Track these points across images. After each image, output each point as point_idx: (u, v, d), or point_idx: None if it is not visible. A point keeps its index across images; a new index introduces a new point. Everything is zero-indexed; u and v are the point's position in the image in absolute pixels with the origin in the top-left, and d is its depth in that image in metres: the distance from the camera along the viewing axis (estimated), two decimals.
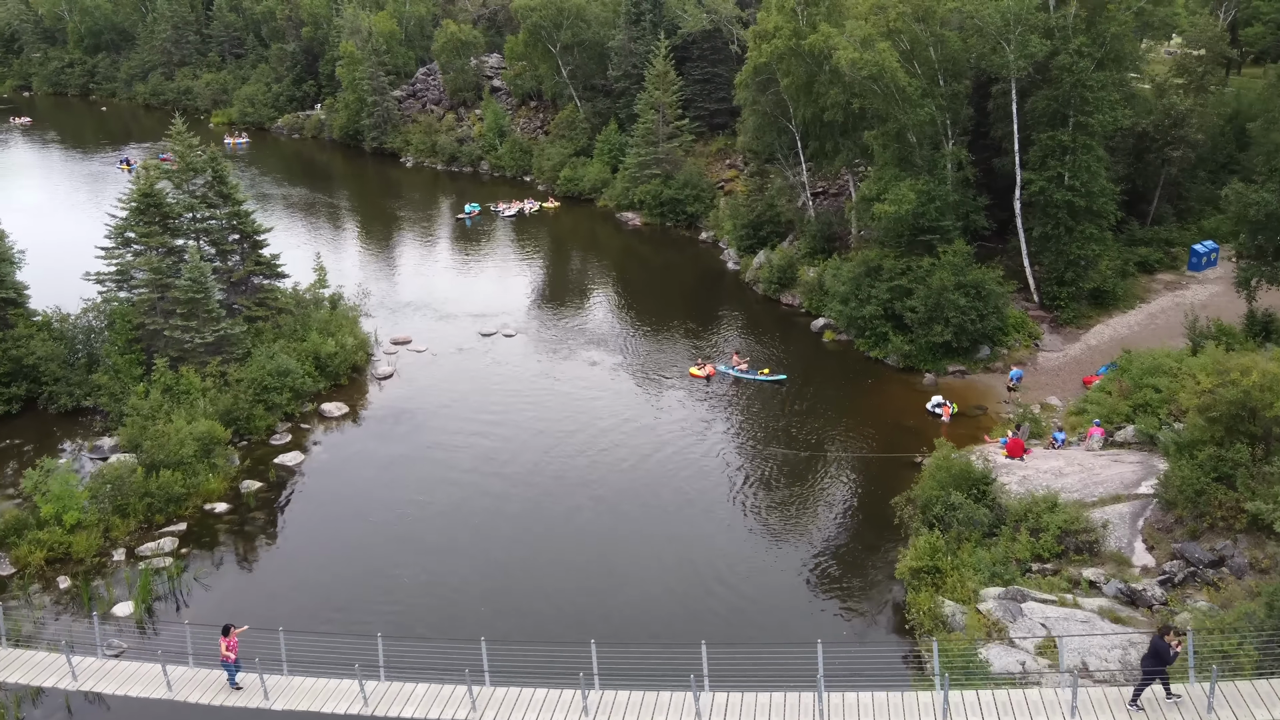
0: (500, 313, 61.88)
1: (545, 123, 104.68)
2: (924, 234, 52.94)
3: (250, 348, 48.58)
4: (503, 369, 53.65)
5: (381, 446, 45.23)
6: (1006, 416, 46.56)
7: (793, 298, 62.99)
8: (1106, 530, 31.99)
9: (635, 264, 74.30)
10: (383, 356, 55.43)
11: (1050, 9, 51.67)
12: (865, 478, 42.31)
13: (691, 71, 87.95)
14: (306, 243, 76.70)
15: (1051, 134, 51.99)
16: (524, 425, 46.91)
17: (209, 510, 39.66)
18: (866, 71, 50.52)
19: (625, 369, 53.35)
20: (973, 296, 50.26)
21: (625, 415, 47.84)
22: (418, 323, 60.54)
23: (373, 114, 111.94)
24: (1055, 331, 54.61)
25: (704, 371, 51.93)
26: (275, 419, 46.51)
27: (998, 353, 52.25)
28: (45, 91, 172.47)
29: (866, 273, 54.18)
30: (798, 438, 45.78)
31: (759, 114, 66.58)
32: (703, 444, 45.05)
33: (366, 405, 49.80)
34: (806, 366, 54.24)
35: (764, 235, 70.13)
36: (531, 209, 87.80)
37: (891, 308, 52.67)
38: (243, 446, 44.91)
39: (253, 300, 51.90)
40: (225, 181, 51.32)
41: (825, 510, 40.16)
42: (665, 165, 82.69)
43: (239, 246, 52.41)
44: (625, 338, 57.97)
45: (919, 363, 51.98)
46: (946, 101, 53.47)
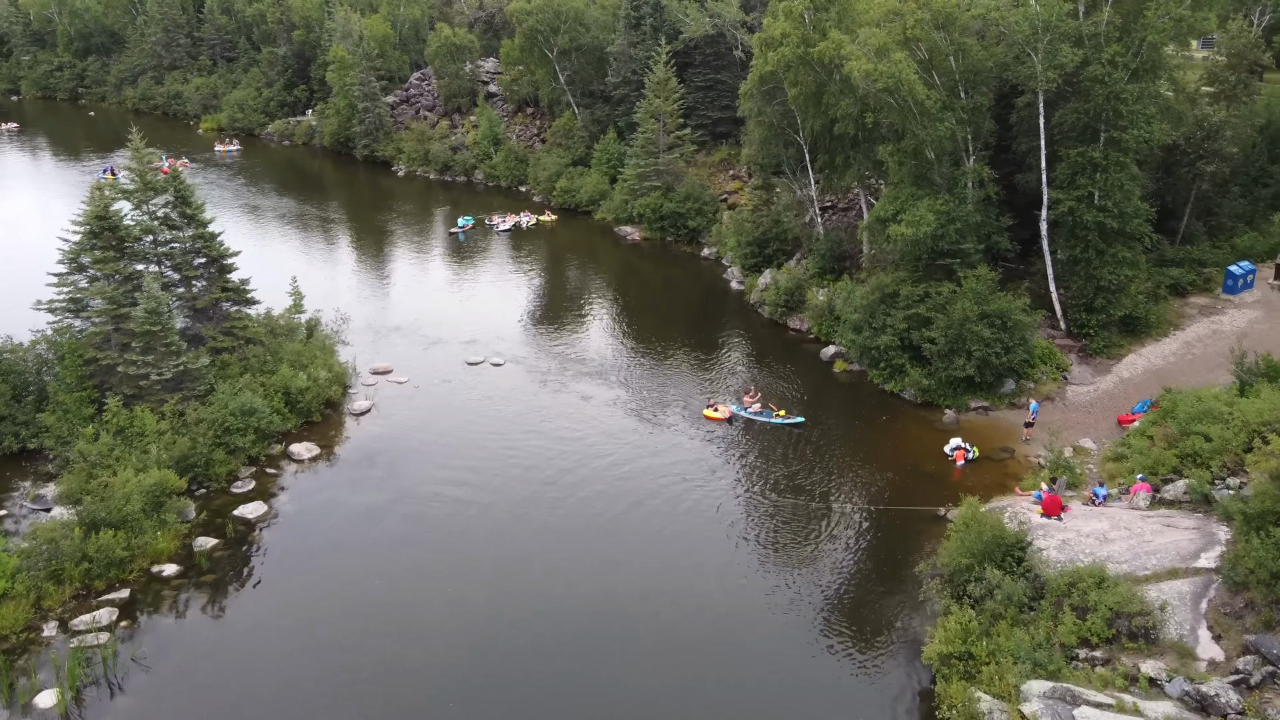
0: (489, 338, 58.01)
1: (542, 130, 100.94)
2: (943, 257, 49.10)
3: (213, 383, 44.73)
4: (488, 403, 49.75)
5: (352, 495, 41.33)
6: (1035, 460, 42.63)
7: (801, 322, 59.07)
8: (1165, 613, 28.04)
9: (633, 283, 70.37)
10: (361, 389, 51.55)
11: (1080, 15, 47.72)
12: (883, 535, 38.35)
13: (693, 78, 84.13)
14: (288, 260, 72.73)
15: (1081, 150, 48.05)
16: (505, 471, 43.02)
17: (156, 573, 35.75)
18: (882, 84, 46.61)
19: (619, 405, 49.39)
20: (997, 328, 46.34)
21: (617, 459, 43.93)
22: (401, 349, 56.64)
23: (364, 121, 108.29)
24: (1084, 362, 50.66)
25: (721, 414, 47.68)
26: (238, 463, 42.65)
27: (1023, 387, 48.31)
28: (34, 95, 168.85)
29: (881, 299, 50.24)
30: (807, 485, 41.88)
31: (765, 125, 62.75)
32: (703, 495, 41.11)
33: (340, 445, 45.90)
34: (816, 400, 50.32)
35: (770, 253, 66.25)
36: (528, 223, 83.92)
37: (908, 338, 48.77)
38: (200, 495, 41.01)
39: (219, 329, 48.05)
40: (188, 202, 47.45)
41: (839, 575, 36.20)
42: (666, 177, 78.84)
43: (204, 271, 48.53)
44: (620, 368, 54.02)
45: (938, 398, 48.07)
46: (967, 115, 49.56)
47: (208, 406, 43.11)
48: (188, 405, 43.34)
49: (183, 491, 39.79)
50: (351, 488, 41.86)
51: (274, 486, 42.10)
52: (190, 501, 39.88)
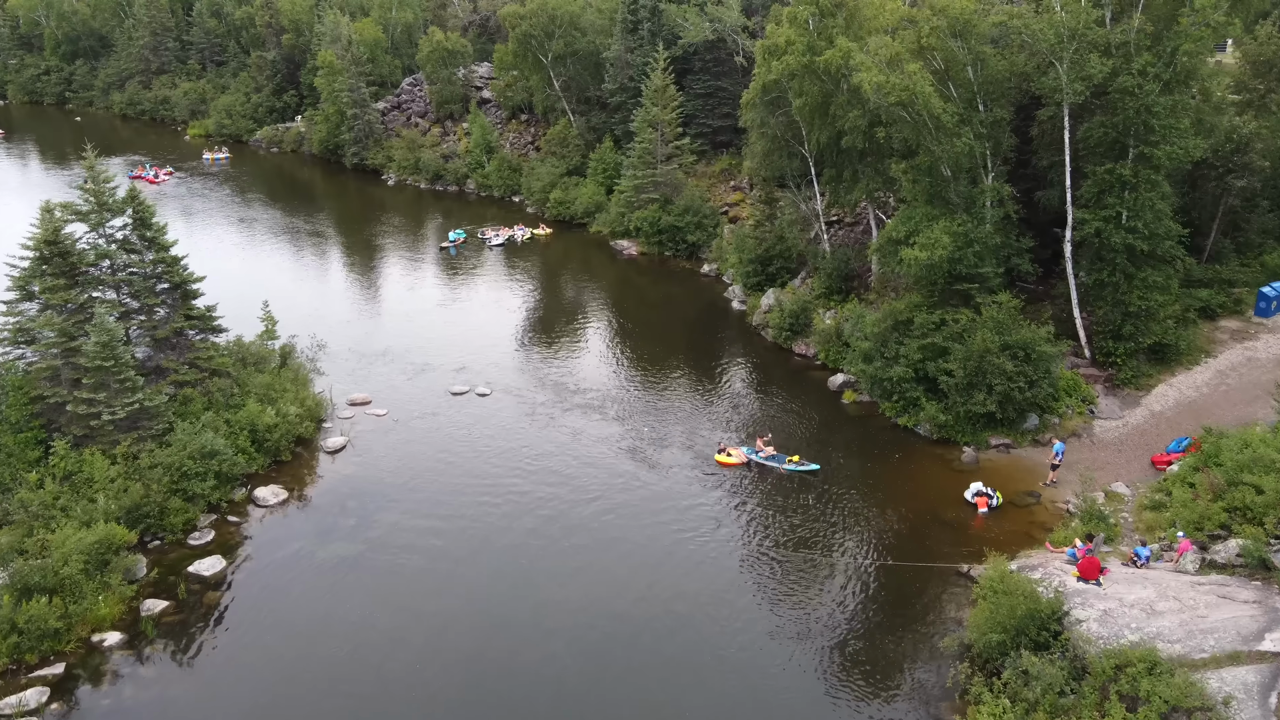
0: (478, 364, 54.62)
1: (536, 138, 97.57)
2: (961, 282, 45.70)
3: (172, 422, 41.30)
4: (471, 439, 46.32)
5: (320, 547, 37.90)
6: (1064, 507, 39.21)
7: (806, 347, 55.64)
8: (1229, 708, 24.64)
9: (629, 302, 66.89)
10: (336, 422, 48.14)
11: (1107, 23, 44.32)
12: (901, 594, 34.85)
13: (693, 85, 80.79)
14: (268, 279, 69.53)
15: (1109, 167, 44.65)
16: (486, 519, 39.62)
17: (97, 643, 32.31)
18: (895, 97, 43.23)
19: (612, 442, 45.89)
20: (1020, 360, 42.93)
21: (607, 505, 40.47)
22: (382, 377, 53.22)
23: (353, 128, 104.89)
24: (1111, 394, 47.22)
25: (735, 459, 43.93)
26: (197, 511, 39.22)
27: (1047, 422, 44.89)
28: (21, 100, 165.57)
29: (893, 327, 46.84)
30: (816, 536, 38.45)
31: (768, 137, 59.39)
32: (702, 546, 37.68)
33: (310, 488, 42.48)
34: (824, 435, 46.93)
35: (773, 271, 62.84)
36: (522, 237, 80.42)
37: (923, 369, 45.35)
38: (153, 549, 37.60)
39: (182, 361, 44.64)
40: (148, 224, 44.04)
41: (851, 647, 32.67)
42: (664, 188, 75.41)
43: (166, 298, 45.11)
44: (614, 399, 50.52)
45: (956, 434, 44.66)
46: (986, 129, 46.13)
47: (165, 449, 39.66)
48: (143, 446, 39.92)
49: (133, 545, 36.37)
50: (320, 538, 38.41)
51: (235, 537, 38.66)
52: (140, 557, 36.43)
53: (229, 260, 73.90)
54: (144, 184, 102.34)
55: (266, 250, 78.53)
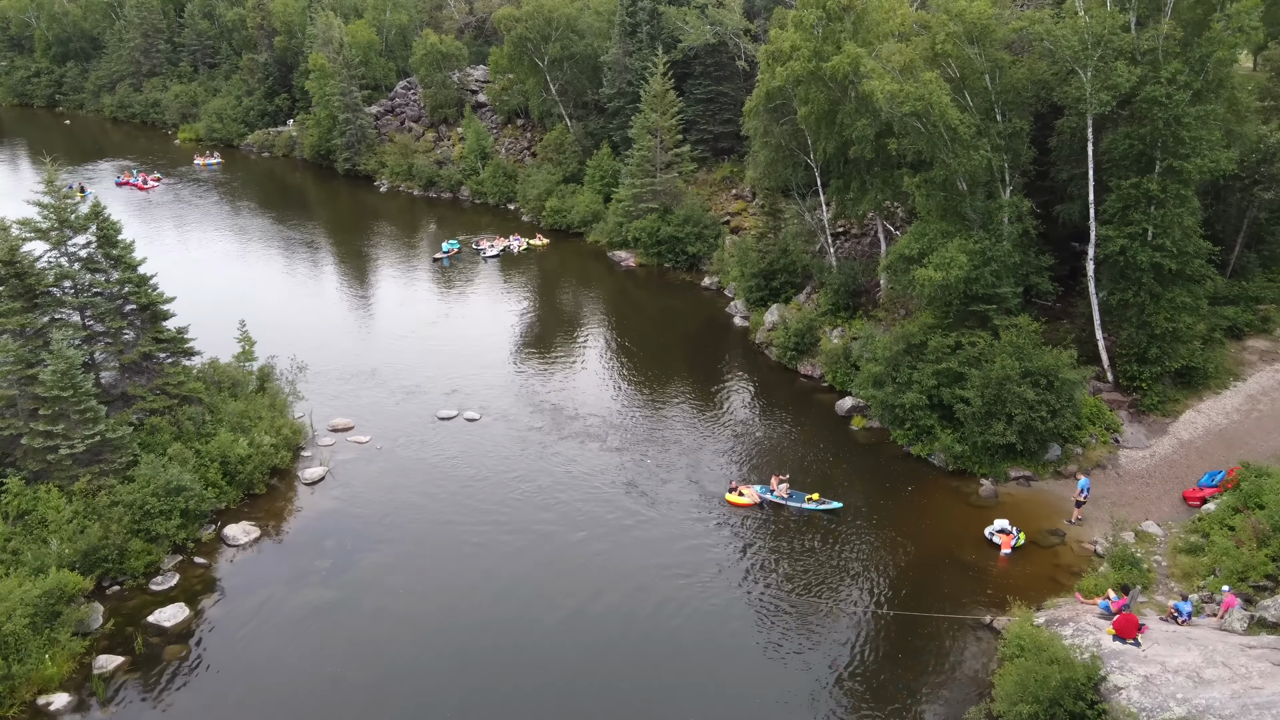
0: (469, 384, 52.00)
1: (532, 144, 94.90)
2: (977, 303, 43.08)
3: (137, 454, 38.66)
4: (458, 470, 43.68)
5: (293, 592, 35.24)
6: (1091, 548, 36.55)
7: (813, 368, 52.98)
8: None
9: (627, 318, 64.19)
10: (316, 450, 45.49)
11: (1132, 29, 41.67)
12: (919, 648, 32.20)
13: (693, 90, 78.09)
14: (251, 293, 66.99)
15: (1135, 181, 41.99)
16: (472, 562, 37.00)
17: (43, 707, 29.68)
18: (909, 107, 40.60)
19: (607, 474, 43.18)
20: (1043, 388, 40.29)
21: (605, 547, 37.84)
22: (367, 400, 50.57)
23: (345, 133, 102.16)
24: (1136, 420, 44.59)
25: (747, 499, 40.81)
26: (160, 552, 36.59)
27: (1070, 452, 42.25)
28: (10, 103, 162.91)
29: (906, 350, 44.21)
30: (824, 580, 35.81)
31: (771, 146, 56.72)
32: (705, 596, 35.01)
33: (285, 524, 39.85)
34: (832, 464, 44.31)
35: (776, 286, 60.18)
36: (518, 247, 77.66)
37: (938, 396, 42.70)
38: (112, 595, 34.97)
39: (150, 387, 42.00)
40: (113, 241, 41.41)
41: (867, 712, 30.02)
42: (663, 197, 72.73)
43: (133, 321, 42.47)
44: (610, 424, 47.83)
45: (973, 466, 42.03)
46: (1004, 141, 43.50)
47: (127, 484, 37.02)
48: (105, 481, 37.28)
49: (89, 592, 33.73)
50: (293, 583, 35.73)
51: (201, 581, 35.98)
52: (96, 605, 33.80)
53: (213, 272, 71.38)
54: (133, 190, 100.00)
55: (253, 262, 75.80)
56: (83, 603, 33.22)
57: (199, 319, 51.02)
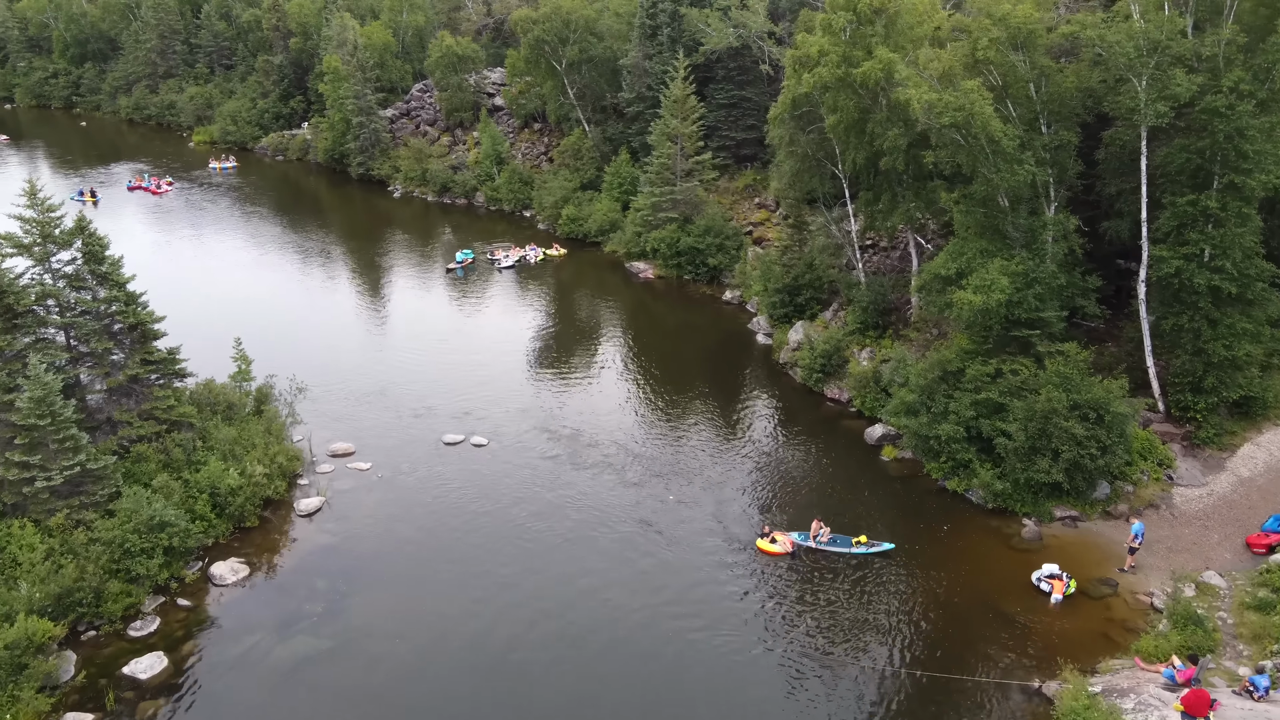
0: (478, 405, 49.43)
1: (549, 148, 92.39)
2: (1019, 327, 40.08)
3: (120, 486, 36.28)
4: (462, 500, 41.11)
5: (281, 640, 32.71)
6: (1147, 601, 33.53)
7: (840, 392, 50.10)
8: None
9: (645, 333, 61.38)
10: (314, 477, 43.00)
11: (1189, 33, 38.62)
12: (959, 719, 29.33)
13: (715, 95, 75.33)
14: (256, 306, 64.77)
15: (1192, 198, 38.91)
16: (475, 610, 34.26)
17: None
18: (948, 118, 37.70)
19: (623, 510, 40.23)
20: (1092, 422, 37.25)
21: (620, 597, 34.90)
22: (370, 421, 48.08)
23: (358, 137, 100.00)
24: (1190, 454, 41.47)
25: (780, 547, 37.41)
26: (141, 594, 34.15)
27: (1119, 490, 39.21)
28: (28, 104, 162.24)
29: (941, 377, 41.27)
30: (853, 635, 32.90)
31: (797, 156, 53.91)
32: (726, 651, 32.22)
33: (276, 561, 37.35)
34: (860, 497, 41.48)
35: (801, 302, 57.33)
36: (535, 257, 75.04)
37: (976, 428, 39.75)
38: (87, 641, 32.55)
39: (137, 412, 39.65)
40: (99, 257, 39.09)
41: None
42: (683, 207, 70.03)
43: (121, 341, 40.14)
44: (627, 452, 45.04)
45: (1015, 504, 39.04)
46: (1050, 154, 40.52)
47: (107, 520, 34.63)
48: (84, 515, 34.93)
49: (61, 639, 31.34)
50: (281, 629, 33.20)
51: (183, 627, 33.48)
52: (69, 654, 31.40)
53: (219, 282, 69.24)
54: (145, 195, 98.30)
55: (261, 272, 73.52)
56: (54, 652, 30.84)
57: (200, 334, 49.28)
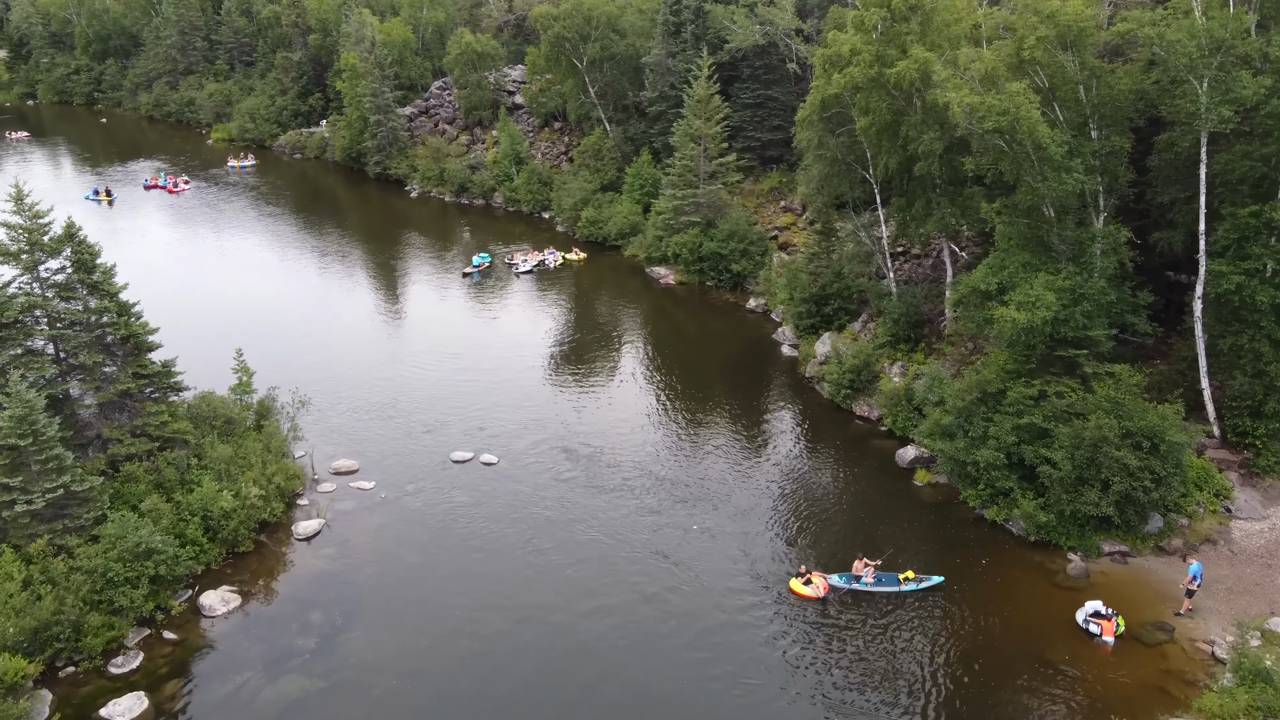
0: (490, 418, 47.33)
1: (569, 148, 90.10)
2: (1065, 346, 37.35)
3: (107, 509, 34.30)
4: (469, 525, 38.87)
5: (270, 680, 30.56)
6: (1209, 650, 30.79)
7: (869, 409, 47.51)
8: None
9: (665, 344, 58.84)
10: (314, 497, 40.93)
11: (1253, 32, 35.78)
12: None
13: (740, 94, 72.81)
14: (263, 312, 62.94)
15: (1255, 209, 36.07)
16: (473, 649, 32.05)
17: None
18: (992, 123, 35.02)
19: (640, 541, 37.70)
20: (1146, 451, 34.51)
21: (636, 638, 32.53)
22: (376, 435, 46.02)
23: (375, 135, 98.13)
24: (1249, 483, 38.62)
25: (814, 590, 34.17)
26: (125, 626, 32.14)
27: (1173, 523, 36.43)
28: (50, 100, 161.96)
29: (980, 399, 38.62)
30: (883, 687, 30.35)
31: (826, 160, 51.35)
32: (748, 705, 29.79)
33: (270, 591, 35.25)
34: (890, 525, 38.92)
35: (829, 313, 54.71)
36: (554, 262, 72.71)
37: (1018, 454, 37.08)
38: (65, 678, 30.55)
39: (128, 428, 37.69)
40: (91, 266, 37.13)
41: None
42: (706, 210, 67.51)
43: (112, 354, 38.17)
44: (645, 473, 42.59)
45: (1059, 538, 36.35)
46: (1100, 161, 37.76)
47: (90, 546, 32.65)
48: (68, 540, 32.97)
49: (36, 677, 29.36)
50: (271, 668, 31.05)
51: (168, 663, 31.41)
52: (44, 694, 29.41)
53: (228, 286, 67.59)
54: (162, 194, 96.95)
55: (272, 275, 71.65)
56: (28, 692, 28.89)
57: (205, 340, 47.79)
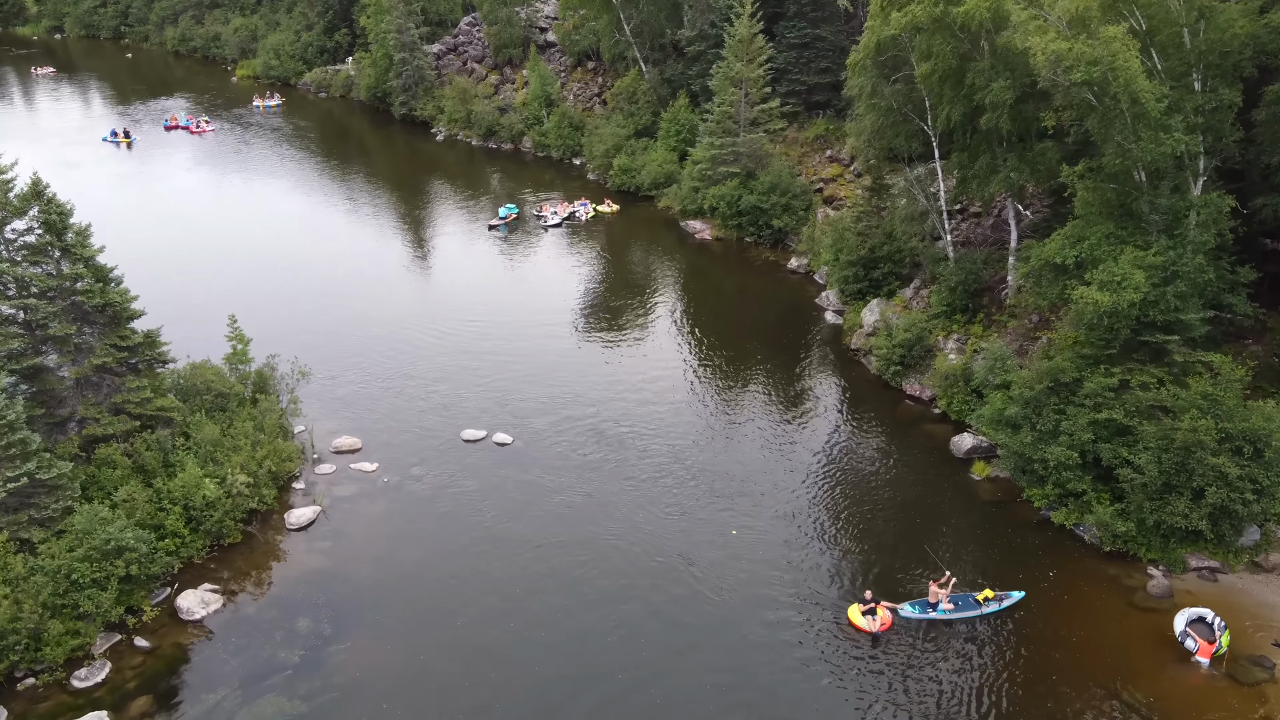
0: (507, 393, 43.69)
1: (603, 90, 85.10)
2: (1152, 331, 32.73)
3: (77, 499, 31.15)
4: (478, 515, 35.40)
5: (247, 700, 27.36)
6: None
7: (921, 389, 43.21)
8: None
9: (699, 307, 54.46)
10: (312, 480, 37.63)
11: None
12: None
13: (785, 34, 67.39)
14: (273, 270, 59.45)
15: None
16: (478, 667, 28.68)
17: None
18: (1081, 74, 30.08)
19: (669, 544, 33.79)
20: (1247, 457, 30.06)
21: (660, 660, 29.00)
22: (382, 411, 42.55)
23: (401, 74, 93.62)
24: None
25: (875, 623, 29.48)
26: (92, 632, 29.10)
27: (1270, 535, 32.06)
28: (77, 34, 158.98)
29: (1052, 389, 34.18)
30: None
31: (880, 110, 46.27)
32: None
33: (255, 591, 32.05)
34: (944, 524, 34.87)
35: (878, 277, 50.14)
36: (585, 214, 68.30)
37: (1094, 453, 32.74)
38: (24, 690, 27.65)
39: (106, 406, 34.41)
40: (60, 229, 33.54)
41: None
42: (746, 160, 62.67)
43: (88, 325, 34.74)
44: (675, 458, 38.66)
45: (1139, 548, 32.16)
46: (1204, 119, 32.68)
47: (55, 542, 29.56)
48: (33, 533, 29.91)
49: None
50: (248, 687, 27.84)
51: (137, 676, 28.34)
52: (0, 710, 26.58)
53: (236, 241, 64.09)
54: (182, 136, 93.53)
55: (286, 226, 68.02)
56: None
57: (208, 301, 44.39)
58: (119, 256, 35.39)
